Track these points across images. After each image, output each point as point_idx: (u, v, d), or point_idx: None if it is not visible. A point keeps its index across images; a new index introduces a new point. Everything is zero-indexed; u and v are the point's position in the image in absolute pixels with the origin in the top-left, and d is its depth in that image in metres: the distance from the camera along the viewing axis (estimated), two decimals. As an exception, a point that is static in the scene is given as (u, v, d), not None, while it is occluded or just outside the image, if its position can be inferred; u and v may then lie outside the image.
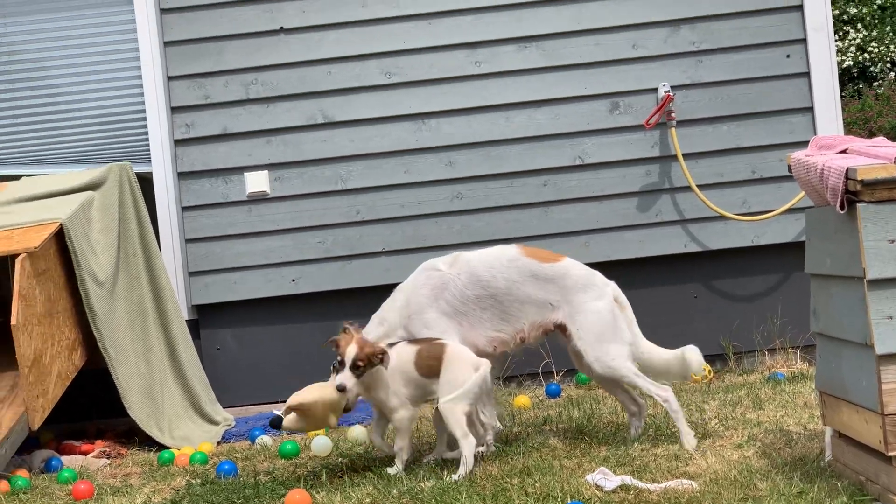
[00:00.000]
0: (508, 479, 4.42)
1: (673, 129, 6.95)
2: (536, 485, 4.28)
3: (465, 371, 4.67)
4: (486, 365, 4.72)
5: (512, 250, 5.09)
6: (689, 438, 4.81)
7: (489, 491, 4.26)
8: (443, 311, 4.99)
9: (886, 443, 3.63)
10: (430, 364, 4.68)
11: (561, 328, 5.03)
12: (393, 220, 7.08)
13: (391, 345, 4.78)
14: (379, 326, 5.00)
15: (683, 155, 6.96)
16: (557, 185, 7.06)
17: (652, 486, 4.13)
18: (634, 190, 7.05)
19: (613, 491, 4.13)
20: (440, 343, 4.77)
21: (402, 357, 4.71)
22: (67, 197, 6.31)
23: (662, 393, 4.91)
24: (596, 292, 5.03)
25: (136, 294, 6.39)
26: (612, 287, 5.09)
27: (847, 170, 3.73)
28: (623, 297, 5.11)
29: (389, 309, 5.05)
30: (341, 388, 4.57)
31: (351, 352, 4.58)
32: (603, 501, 3.97)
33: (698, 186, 6.93)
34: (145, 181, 6.98)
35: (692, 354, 5.04)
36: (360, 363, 4.59)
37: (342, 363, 4.58)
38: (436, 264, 5.09)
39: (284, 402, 6.88)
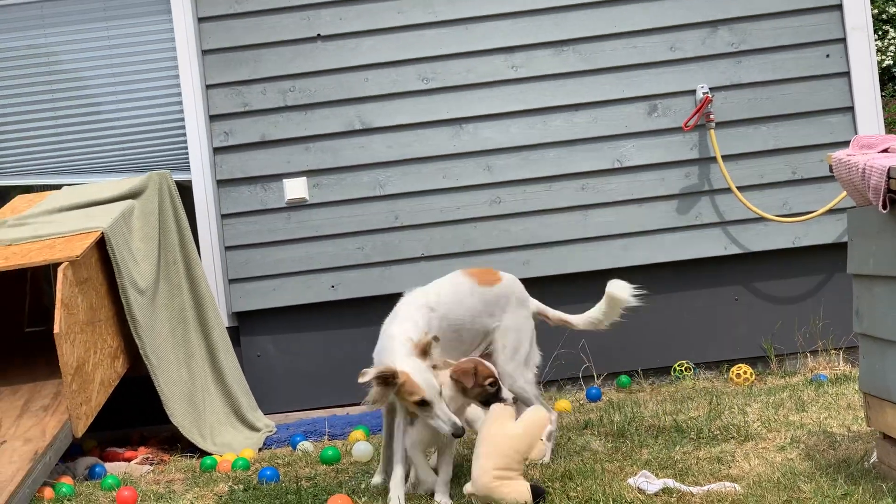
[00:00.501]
0: (550, 484, 4.41)
1: (712, 131, 6.92)
2: (578, 489, 4.27)
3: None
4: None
5: (462, 279, 4.90)
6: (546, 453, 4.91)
7: (531, 495, 4.25)
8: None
9: (932, 444, 3.59)
10: None
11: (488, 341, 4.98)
12: (432, 226, 7.08)
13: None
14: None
15: (723, 156, 6.92)
16: (596, 188, 7.04)
17: (694, 489, 4.11)
18: (674, 192, 7.02)
19: (656, 494, 4.11)
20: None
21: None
22: (108, 206, 6.36)
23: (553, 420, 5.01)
24: (527, 308, 5.09)
25: (177, 302, 6.43)
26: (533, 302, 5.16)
27: (889, 169, 3.70)
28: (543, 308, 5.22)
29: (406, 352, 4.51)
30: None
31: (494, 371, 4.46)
32: (645, 505, 3.95)
33: (738, 188, 6.89)
34: (184, 189, 7.03)
35: (615, 288, 5.04)
36: None
37: (495, 384, 4.37)
38: (426, 301, 4.72)
39: (324, 408, 6.94)
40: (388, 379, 4.19)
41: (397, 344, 4.34)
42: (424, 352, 4.30)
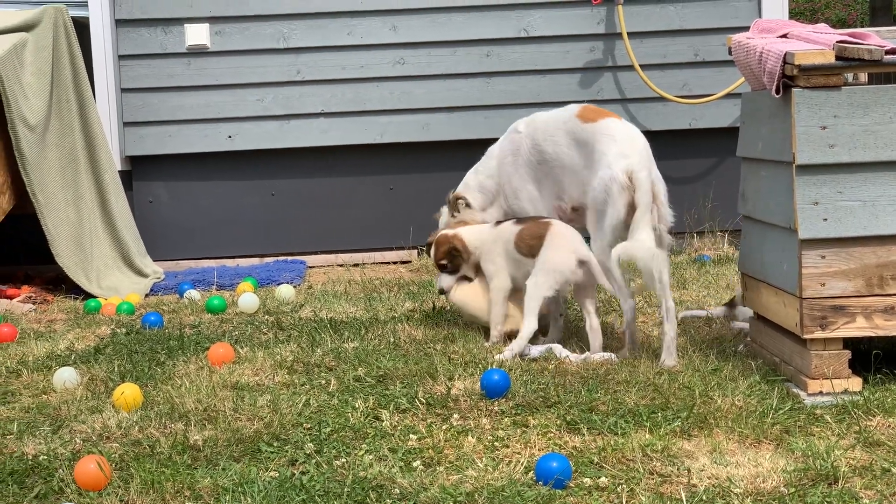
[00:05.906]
0: (432, 345, 4.48)
1: (620, 7, 6.90)
2: (460, 351, 4.34)
3: (564, 255, 4.37)
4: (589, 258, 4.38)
5: (570, 110, 4.56)
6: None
7: (412, 355, 4.32)
8: (524, 177, 4.67)
9: (802, 326, 3.71)
10: (530, 244, 4.42)
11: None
12: (333, 82, 7.00)
13: (498, 223, 4.65)
14: (480, 195, 4.83)
15: (628, 34, 6.92)
16: (501, 56, 7.01)
17: (573, 357, 4.21)
18: (578, 66, 7.02)
19: (534, 359, 4.20)
20: (545, 222, 4.47)
21: (503, 235, 4.56)
22: None
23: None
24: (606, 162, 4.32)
25: (69, 141, 6.29)
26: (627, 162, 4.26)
27: (785, 54, 3.75)
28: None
29: (486, 176, 4.80)
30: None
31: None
32: (522, 369, 4.03)
33: (641, 66, 6.91)
34: (81, 27, 6.81)
35: None
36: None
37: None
38: (517, 125, 4.72)
39: (214, 258, 6.92)
40: None
41: None
42: None
